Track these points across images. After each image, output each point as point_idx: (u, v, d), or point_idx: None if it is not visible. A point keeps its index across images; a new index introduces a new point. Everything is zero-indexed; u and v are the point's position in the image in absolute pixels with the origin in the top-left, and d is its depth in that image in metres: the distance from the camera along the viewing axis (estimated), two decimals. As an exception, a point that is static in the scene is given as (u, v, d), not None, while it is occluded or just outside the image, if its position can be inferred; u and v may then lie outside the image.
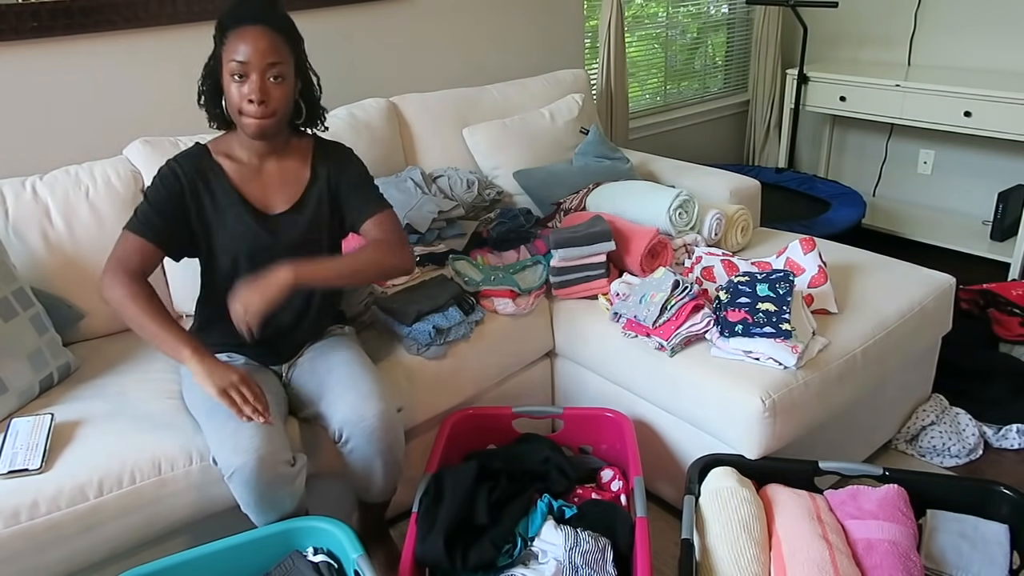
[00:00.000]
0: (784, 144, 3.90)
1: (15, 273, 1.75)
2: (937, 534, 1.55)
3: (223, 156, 1.68)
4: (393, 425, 1.61)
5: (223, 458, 1.48)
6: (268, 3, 1.60)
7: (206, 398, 1.54)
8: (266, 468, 1.45)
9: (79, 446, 1.55)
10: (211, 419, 1.54)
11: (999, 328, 2.64)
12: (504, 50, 3.04)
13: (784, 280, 1.84)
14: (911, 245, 3.45)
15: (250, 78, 1.54)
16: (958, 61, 3.48)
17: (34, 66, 2.07)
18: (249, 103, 1.55)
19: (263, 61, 1.54)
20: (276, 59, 1.55)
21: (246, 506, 1.51)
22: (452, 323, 1.92)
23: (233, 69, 1.54)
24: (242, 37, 1.53)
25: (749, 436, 1.71)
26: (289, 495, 1.52)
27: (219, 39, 1.59)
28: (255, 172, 1.69)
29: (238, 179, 1.67)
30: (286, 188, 1.70)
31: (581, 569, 1.53)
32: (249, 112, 1.56)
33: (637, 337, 1.92)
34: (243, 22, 1.55)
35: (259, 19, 1.55)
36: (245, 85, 1.55)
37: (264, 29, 1.54)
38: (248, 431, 1.48)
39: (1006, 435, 2.25)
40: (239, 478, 1.45)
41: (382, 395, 1.61)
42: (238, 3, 1.58)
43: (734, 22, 4.14)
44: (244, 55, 1.53)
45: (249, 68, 1.53)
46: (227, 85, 1.58)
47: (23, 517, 1.41)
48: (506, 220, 2.32)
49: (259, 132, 1.60)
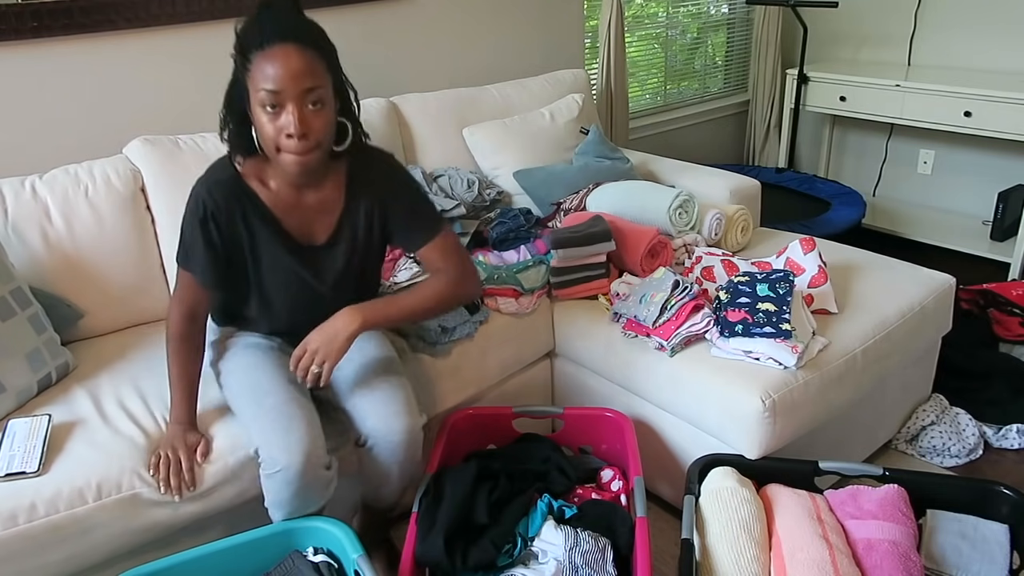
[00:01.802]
0: (784, 144, 3.90)
1: (13, 272, 1.75)
2: (937, 534, 1.55)
3: (256, 181, 1.51)
4: (416, 442, 1.61)
5: (269, 454, 1.45)
6: (294, 12, 1.38)
7: (251, 388, 1.54)
8: (310, 469, 1.45)
9: (77, 447, 1.54)
10: (259, 412, 1.50)
11: (999, 328, 2.64)
12: (504, 50, 3.04)
13: (784, 280, 1.84)
14: (911, 245, 3.45)
15: (285, 108, 1.34)
16: (958, 61, 3.48)
17: (34, 66, 2.07)
18: (288, 138, 1.36)
19: (299, 87, 1.32)
20: (313, 83, 1.34)
21: (278, 504, 1.50)
22: (457, 322, 1.92)
23: (264, 100, 1.33)
24: (270, 59, 1.31)
25: (749, 436, 1.71)
26: (320, 498, 1.53)
27: (241, 63, 1.37)
28: (293, 200, 1.53)
29: (275, 207, 1.52)
30: (326, 217, 1.57)
31: (581, 569, 1.53)
32: (289, 148, 1.37)
33: (637, 337, 1.92)
34: (269, 41, 1.32)
35: (287, 35, 1.33)
36: (280, 117, 1.35)
37: (296, 48, 1.32)
38: (299, 431, 1.46)
39: (1006, 435, 2.25)
40: (283, 476, 1.44)
41: (412, 410, 1.59)
42: (258, 16, 1.36)
43: (734, 22, 4.14)
44: (276, 83, 1.31)
45: (283, 97, 1.33)
46: (257, 117, 1.37)
47: (21, 520, 1.40)
48: (506, 220, 2.32)
49: (302, 170, 1.42)
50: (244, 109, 1.42)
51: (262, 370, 1.57)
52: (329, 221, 1.57)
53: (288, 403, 1.51)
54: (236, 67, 1.39)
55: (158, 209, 2.03)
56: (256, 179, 1.51)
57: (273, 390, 1.53)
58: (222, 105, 1.46)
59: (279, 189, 1.52)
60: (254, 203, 1.50)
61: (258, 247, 1.54)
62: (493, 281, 2.07)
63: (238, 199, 1.49)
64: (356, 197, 1.57)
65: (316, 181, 1.54)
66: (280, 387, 1.54)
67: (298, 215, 1.55)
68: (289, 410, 1.49)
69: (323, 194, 1.56)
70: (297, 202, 1.54)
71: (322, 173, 1.53)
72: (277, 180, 1.52)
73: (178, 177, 2.02)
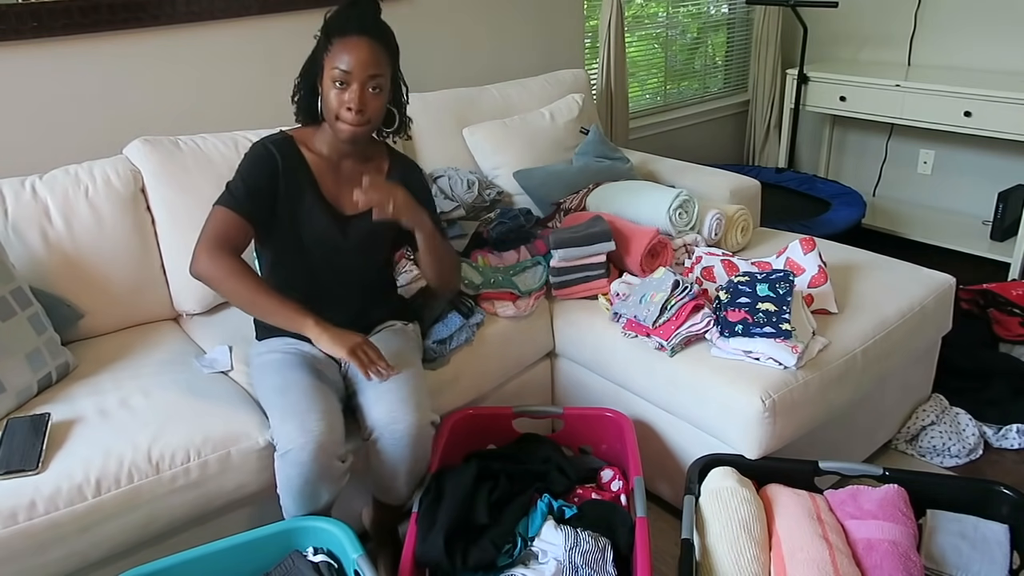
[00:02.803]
0: (784, 144, 3.90)
1: (14, 272, 1.75)
2: (937, 534, 1.55)
3: (304, 147, 1.72)
4: (423, 437, 1.61)
5: (284, 433, 1.50)
6: (374, 14, 1.63)
7: (281, 378, 1.61)
8: (323, 455, 1.48)
9: (76, 445, 1.54)
10: (284, 397, 1.57)
11: (999, 328, 2.64)
12: (504, 50, 3.04)
13: (784, 280, 1.84)
14: (911, 245, 3.45)
15: (351, 87, 1.58)
16: (958, 61, 3.48)
17: (34, 66, 2.07)
18: (348, 111, 1.59)
19: (365, 72, 1.58)
20: (377, 71, 1.59)
21: (288, 490, 1.52)
22: (453, 329, 1.92)
23: (335, 76, 1.58)
24: (347, 47, 1.57)
25: (749, 436, 1.71)
26: (329, 491, 1.54)
27: (323, 44, 1.62)
28: (334, 169, 1.73)
29: (318, 172, 1.71)
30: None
31: (581, 569, 1.53)
32: (347, 119, 1.60)
33: (637, 337, 1.92)
34: (350, 32, 1.58)
35: (365, 30, 1.59)
36: (346, 93, 1.59)
37: (369, 41, 1.58)
38: (316, 415, 1.51)
39: (1006, 435, 2.25)
40: (294, 457, 1.47)
41: (419, 405, 1.61)
42: (346, 9, 1.61)
43: (734, 22, 4.14)
44: (348, 65, 1.57)
45: (351, 78, 1.57)
46: (327, 90, 1.61)
47: (21, 518, 1.41)
48: (506, 220, 2.32)
49: (352, 138, 1.64)
50: (315, 81, 1.66)
51: (292, 369, 1.64)
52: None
53: (311, 391, 1.57)
54: (317, 46, 1.65)
55: (158, 209, 2.03)
56: (304, 146, 1.72)
57: (300, 385, 1.59)
58: (298, 74, 1.70)
59: (322, 157, 1.73)
60: (302, 162, 1.71)
61: (301, 201, 1.69)
62: (489, 285, 2.06)
63: (290, 155, 1.70)
64: (393, 179, 1.74)
65: (360, 158, 1.75)
66: (308, 383, 1.60)
67: (335, 183, 1.73)
68: (311, 395, 1.57)
69: (362, 168, 1.75)
70: (337, 169, 1.74)
71: (367, 153, 1.76)
72: (323, 148, 1.73)
73: (178, 178, 2.02)
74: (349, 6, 1.62)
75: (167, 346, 1.95)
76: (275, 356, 1.70)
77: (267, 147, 1.68)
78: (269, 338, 1.79)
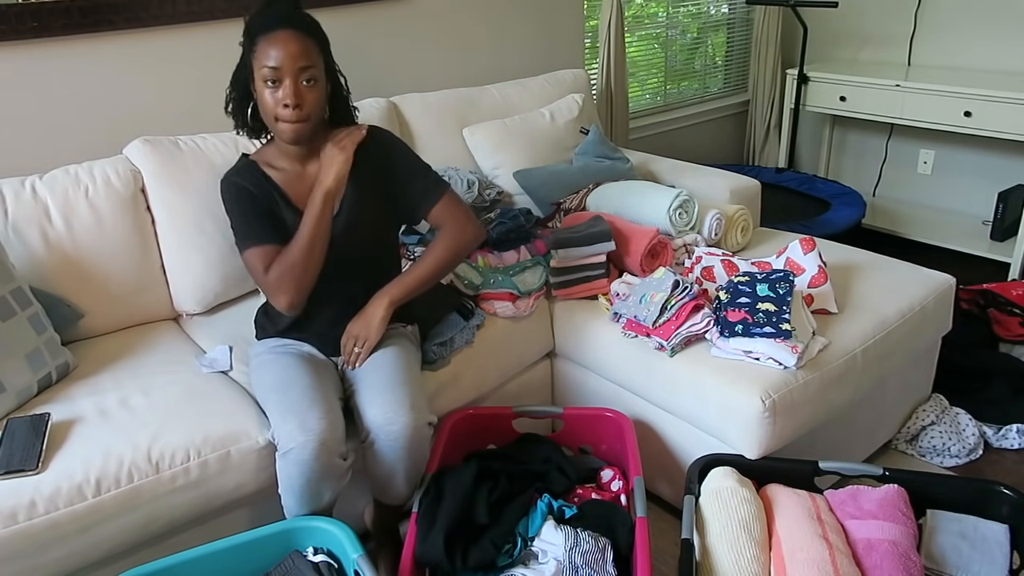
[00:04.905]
0: (784, 144, 3.90)
1: (14, 272, 1.75)
2: (937, 534, 1.55)
3: (267, 166, 1.71)
4: (420, 438, 1.61)
5: (285, 432, 1.50)
6: (293, 6, 1.61)
7: (281, 377, 1.62)
8: (324, 453, 1.48)
9: (76, 445, 1.54)
10: (284, 396, 1.57)
11: (999, 328, 2.64)
12: (504, 50, 3.04)
13: (784, 280, 1.84)
14: (911, 245, 3.45)
15: (283, 83, 1.56)
16: (958, 61, 3.48)
17: (34, 66, 2.07)
18: (284, 108, 1.57)
19: (295, 65, 1.55)
20: (307, 62, 1.57)
21: (290, 489, 1.52)
22: (454, 331, 1.92)
23: (266, 75, 1.56)
24: (272, 43, 1.55)
25: (749, 436, 1.71)
26: (331, 489, 1.55)
27: (248, 46, 1.61)
28: (300, 177, 1.72)
29: (287, 187, 1.70)
30: None
31: (581, 569, 1.53)
32: (284, 117, 1.58)
33: (637, 337, 1.92)
34: (272, 27, 1.56)
35: (287, 23, 1.57)
36: (279, 90, 1.57)
37: (294, 33, 1.56)
38: (317, 413, 1.52)
39: (1006, 435, 2.25)
40: (295, 456, 1.47)
41: (414, 406, 1.60)
42: (263, 8, 1.60)
43: (734, 22, 4.14)
44: (276, 60, 1.54)
45: (282, 73, 1.55)
46: (260, 92, 1.60)
47: (21, 518, 1.41)
48: (506, 220, 2.32)
49: (295, 137, 1.62)
50: (248, 87, 1.64)
51: (291, 369, 1.65)
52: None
53: (311, 390, 1.58)
54: (244, 50, 1.62)
55: (158, 209, 2.03)
56: (267, 165, 1.72)
57: (299, 384, 1.60)
58: (228, 83, 1.68)
59: (285, 169, 1.72)
60: (269, 182, 1.70)
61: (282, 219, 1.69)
62: (489, 285, 2.06)
63: (255, 179, 1.69)
64: (357, 170, 1.70)
65: (316, 155, 1.71)
66: (307, 383, 1.60)
67: (305, 190, 1.70)
68: (311, 394, 1.57)
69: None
70: (302, 177, 1.72)
71: (321, 146, 1.71)
72: (282, 158, 1.72)
73: (178, 178, 2.02)
74: (267, 5, 1.60)
75: (167, 346, 1.95)
76: (275, 356, 1.71)
77: (234, 180, 1.69)
78: (268, 338, 1.79)
